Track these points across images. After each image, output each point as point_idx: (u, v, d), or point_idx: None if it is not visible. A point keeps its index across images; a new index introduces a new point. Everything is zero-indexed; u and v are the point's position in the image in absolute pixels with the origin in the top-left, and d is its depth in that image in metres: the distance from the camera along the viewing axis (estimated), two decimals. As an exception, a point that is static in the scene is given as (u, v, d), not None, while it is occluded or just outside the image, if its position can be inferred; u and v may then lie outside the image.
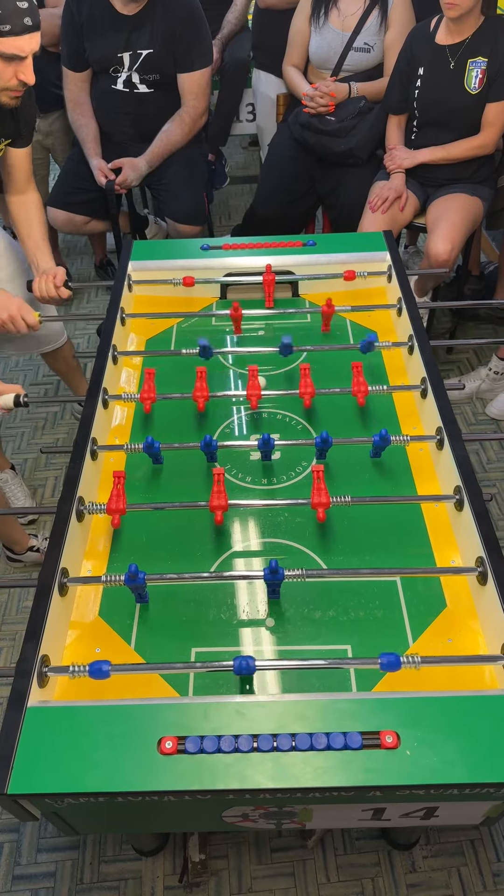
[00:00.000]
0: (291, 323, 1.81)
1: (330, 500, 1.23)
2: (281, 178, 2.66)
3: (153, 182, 2.67)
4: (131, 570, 1.12)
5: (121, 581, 1.13)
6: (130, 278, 1.86)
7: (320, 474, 1.26)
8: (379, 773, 0.91)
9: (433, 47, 2.19)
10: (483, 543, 1.15)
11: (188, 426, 1.54)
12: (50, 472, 2.43)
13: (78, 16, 2.40)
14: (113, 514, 1.26)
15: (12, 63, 1.45)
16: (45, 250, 1.88)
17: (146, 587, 1.17)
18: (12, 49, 1.42)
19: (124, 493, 1.27)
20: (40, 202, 1.93)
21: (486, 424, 2.52)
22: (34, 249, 1.88)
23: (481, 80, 2.14)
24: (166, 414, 1.56)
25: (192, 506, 1.31)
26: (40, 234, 1.90)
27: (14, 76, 1.48)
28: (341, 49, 2.42)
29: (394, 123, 2.39)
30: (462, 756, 0.92)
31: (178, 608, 1.20)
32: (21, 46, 1.43)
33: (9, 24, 1.38)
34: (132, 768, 0.92)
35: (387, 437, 1.35)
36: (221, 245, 1.91)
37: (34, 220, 1.89)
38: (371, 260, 1.86)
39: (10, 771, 0.92)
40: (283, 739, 0.92)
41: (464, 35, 2.13)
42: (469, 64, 2.14)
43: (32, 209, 1.89)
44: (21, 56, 1.45)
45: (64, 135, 2.88)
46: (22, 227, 1.90)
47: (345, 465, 1.43)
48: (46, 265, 1.85)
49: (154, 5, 2.34)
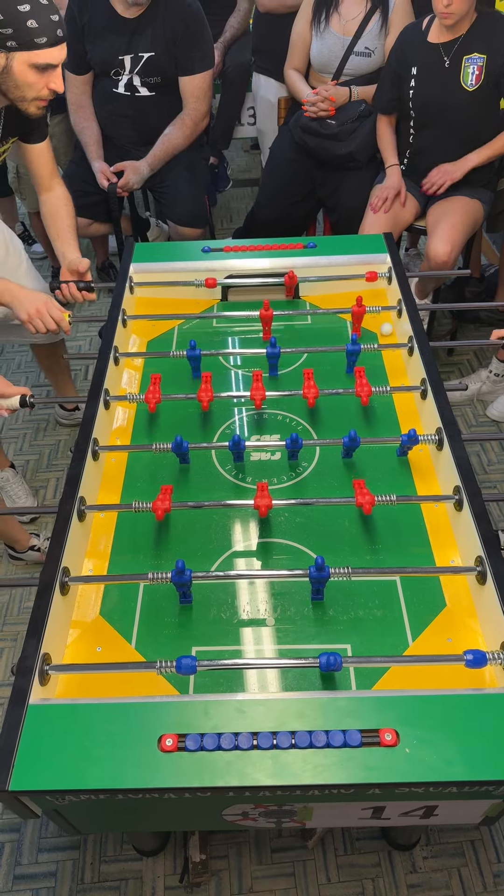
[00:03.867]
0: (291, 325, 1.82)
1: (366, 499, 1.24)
2: (282, 181, 2.67)
3: (155, 185, 2.68)
4: (178, 567, 1.12)
5: (167, 579, 1.14)
6: (132, 280, 1.86)
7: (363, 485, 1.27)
8: (378, 771, 0.91)
9: (426, 46, 2.19)
10: (482, 543, 1.15)
11: (190, 426, 1.54)
12: (51, 473, 2.44)
13: (80, 19, 2.41)
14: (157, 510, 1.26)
15: (45, 73, 1.51)
16: (73, 245, 1.89)
17: (191, 586, 1.17)
18: (47, 59, 1.49)
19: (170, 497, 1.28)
20: (68, 196, 1.93)
21: (487, 426, 2.53)
22: (62, 245, 1.89)
23: (478, 77, 2.14)
24: (168, 415, 1.57)
25: (219, 505, 1.32)
26: (69, 230, 1.91)
27: (45, 86, 1.54)
28: (342, 53, 2.43)
29: (384, 123, 2.40)
30: (461, 754, 0.92)
31: (178, 607, 1.21)
32: (55, 56, 1.50)
33: (45, 37, 1.45)
34: (133, 766, 0.93)
35: (415, 438, 1.36)
36: (223, 247, 1.92)
37: (62, 215, 1.90)
38: (371, 262, 1.87)
39: (12, 768, 0.92)
40: (282, 737, 0.93)
41: (458, 33, 2.13)
42: (465, 61, 2.14)
43: (60, 204, 1.91)
44: (54, 65, 1.52)
45: (66, 138, 2.89)
46: (50, 224, 1.92)
47: (346, 465, 1.43)
48: (72, 256, 1.86)
49: (155, 8, 2.36)
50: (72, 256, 1.86)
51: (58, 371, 2.36)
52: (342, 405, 1.56)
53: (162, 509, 1.25)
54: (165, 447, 1.39)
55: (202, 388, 1.50)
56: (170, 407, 1.57)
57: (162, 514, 1.26)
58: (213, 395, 1.50)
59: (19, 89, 1.52)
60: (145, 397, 1.50)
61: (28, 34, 1.43)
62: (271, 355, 1.59)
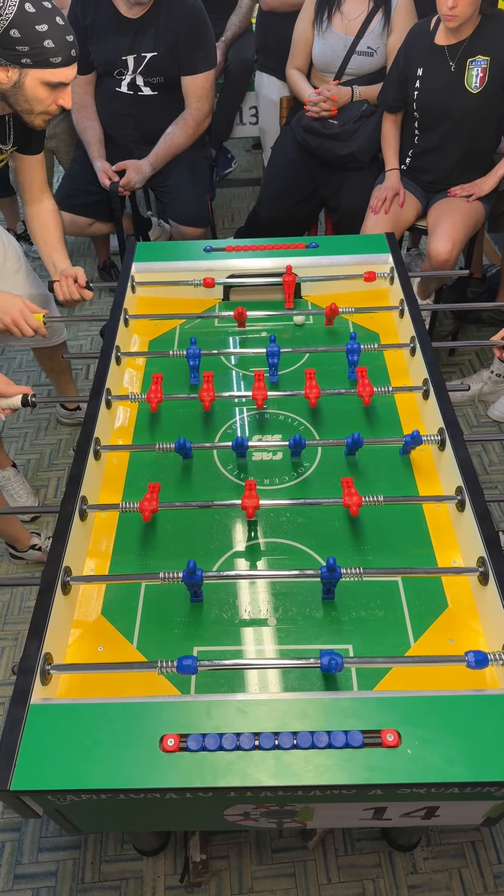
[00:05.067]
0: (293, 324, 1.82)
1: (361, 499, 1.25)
2: (284, 181, 2.67)
3: (157, 184, 2.68)
4: (190, 567, 1.12)
5: (178, 578, 1.14)
6: (133, 280, 1.86)
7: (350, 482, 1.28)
8: (380, 772, 0.91)
9: (432, 48, 2.19)
10: (484, 544, 1.15)
11: (191, 426, 1.54)
12: (52, 472, 2.44)
13: (83, 19, 2.41)
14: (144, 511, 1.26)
15: (56, 90, 1.52)
16: (62, 254, 1.90)
17: (202, 585, 1.17)
18: (60, 78, 1.50)
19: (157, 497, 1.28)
20: (56, 209, 1.93)
21: (489, 427, 2.53)
22: (52, 253, 1.89)
23: (482, 79, 2.14)
24: (169, 414, 1.57)
25: (221, 505, 1.32)
26: (58, 242, 1.91)
27: (54, 101, 1.54)
28: (344, 53, 2.43)
29: (389, 122, 2.40)
30: (463, 755, 0.92)
31: (180, 607, 1.21)
32: (67, 75, 1.51)
33: (60, 56, 1.46)
34: (134, 766, 0.93)
35: (418, 438, 1.36)
36: (224, 247, 1.92)
37: (52, 229, 1.91)
38: (373, 262, 1.87)
39: (13, 767, 0.92)
40: (284, 738, 0.93)
41: (463, 35, 2.13)
42: (469, 63, 2.14)
43: (49, 218, 1.91)
44: (66, 83, 1.53)
45: (68, 137, 2.89)
46: (39, 237, 1.92)
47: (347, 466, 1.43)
48: (63, 265, 1.87)
49: (158, 8, 2.36)
50: (62, 266, 1.86)
51: (59, 371, 2.36)
52: (344, 405, 1.56)
53: (149, 510, 1.25)
54: (168, 447, 1.39)
55: (204, 388, 1.50)
56: (172, 406, 1.57)
57: (149, 515, 1.25)
58: (214, 394, 1.50)
59: (28, 103, 1.53)
60: (147, 397, 1.50)
61: (44, 53, 1.44)
62: (271, 354, 1.59)
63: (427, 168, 2.38)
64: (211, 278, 1.82)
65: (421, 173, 2.41)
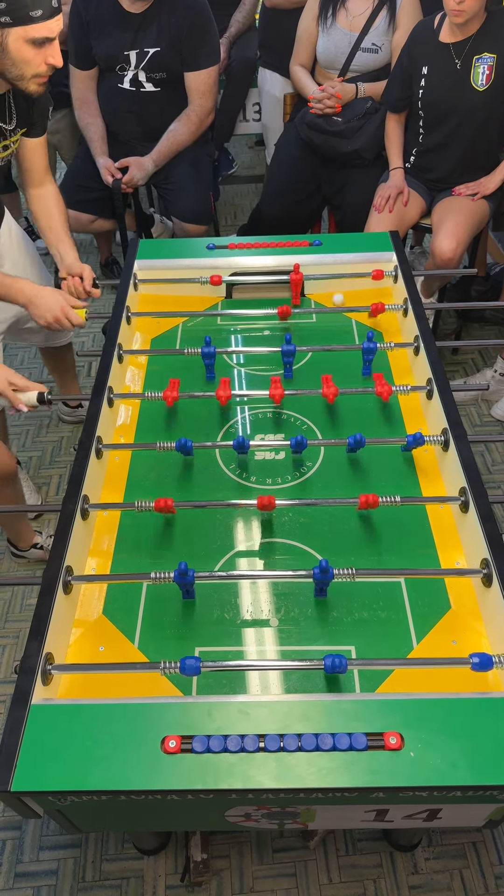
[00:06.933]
0: (296, 323, 1.81)
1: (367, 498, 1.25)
2: (287, 179, 2.66)
3: (160, 181, 2.67)
4: (181, 568, 1.12)
5: (170, 578, 1.14)
6: (136, 277, 1.86)
7: None
8: (383, 775, 0.91)
9: (437, 46, 2.17)
10: (488, 545, 1.14)
11: (193, 425, 1.54)
12: (54, 469, 2.44)
13: (85, 14, 2.40)
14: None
15: (42, 48, 1.46)
16: (68, 243, 1.87)
17: (194, 584, 1.17)
18: (43, 33, 1.44)
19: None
20: (59, 194, 1.91)
21: (492, 426, 2.52)
22: (56, 242, 1.86)
23: (489, 77, 2.13)
24: (171, 413, 1.56)
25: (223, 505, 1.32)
26: (61, 226, 1.88)
27: (43, 61, 1.49)
28: (349, 49, 2.41)
29: (393, 122, 2.39)
30: (466, 758, 0.92)
31: (181, 607, 1.20)
32: (51, 28, 1.45)
33: (40, 9, 1.40)
34: (135, 767, 0.92)
35: (420, 439, 1.36)
36: (227, 244, 1.91)
37: (54, 213, 1.88)
38: (377, 260, 1.86)
39: (14, 768, 0.92)
40: (289, 740, 0.92)
41: (468, 32, 2.11)
42: (475, 61, 2.13)
43: (52, 202, 1.88)
44: (51, 38, 1.47)
45: (70, 133, 2.88)
46: (42, 220, 1.89)
47: (350, 466, 1.43)
48: (70, 258, 1.84)
49: (161, 3, 2.34)
50: (70, 259, 1.84)
51: (63, 369, 2.35)
52: (349, 404, 1.55)
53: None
54: (169, 446, 1.38)
55: (221, 387, 1.50)
56: (174, 405, 1.56)
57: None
58: (230, 393, 1.49)
59: (17, 67, 1.48)
60: (163, 394, 1.49)
61: (22, 8, 1.38)
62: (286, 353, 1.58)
63: (431, 166, 2.37)
64: (218, 276, 1.81)
65: (425, 171, 2.40)
